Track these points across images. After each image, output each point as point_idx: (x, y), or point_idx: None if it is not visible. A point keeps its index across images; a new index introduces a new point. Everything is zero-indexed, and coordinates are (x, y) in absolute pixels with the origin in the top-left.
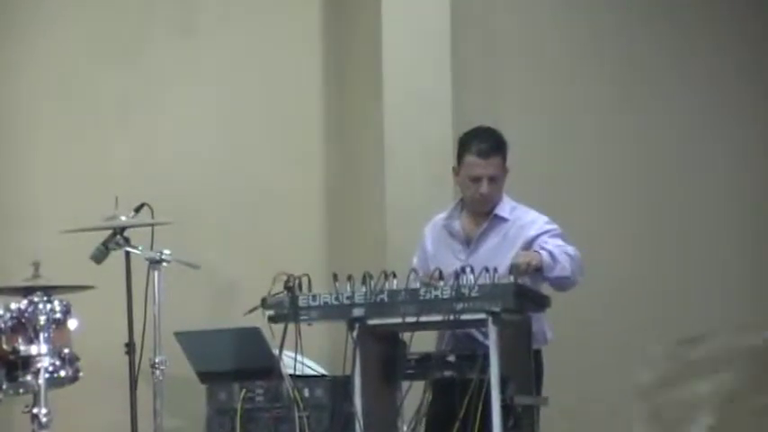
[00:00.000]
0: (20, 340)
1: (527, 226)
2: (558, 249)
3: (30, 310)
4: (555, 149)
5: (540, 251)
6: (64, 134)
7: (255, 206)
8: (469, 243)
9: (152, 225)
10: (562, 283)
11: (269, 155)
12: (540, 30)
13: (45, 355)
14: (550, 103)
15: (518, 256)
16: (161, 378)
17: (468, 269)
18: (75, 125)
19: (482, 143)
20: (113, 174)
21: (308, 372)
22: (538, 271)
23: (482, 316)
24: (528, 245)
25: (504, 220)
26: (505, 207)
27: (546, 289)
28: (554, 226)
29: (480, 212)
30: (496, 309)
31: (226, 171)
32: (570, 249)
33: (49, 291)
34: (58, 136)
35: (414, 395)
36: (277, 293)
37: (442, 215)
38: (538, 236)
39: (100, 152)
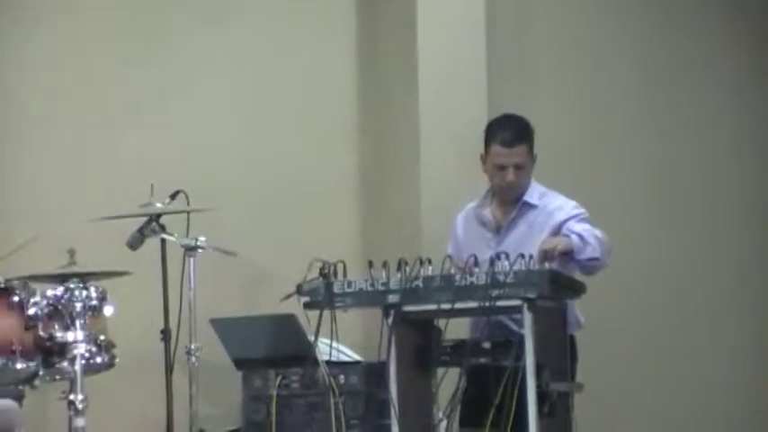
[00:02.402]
0: (56, 327)
1: (555, 211)
2: (586, 233)
3: (66, 296)
4: (587, 138)
5: (570, 235)
6: (100, 122)
7: (291, 193)
8: (499, 231)
9: (187, 212)
10: (592, 266)
11: (304, 142)
12: (575, 17)
13: (81, 341)
14: (584, 91)
15: (545, 242)
16: (196, 364)
17: (503, 256)
18: (112, 113)
19: (506, 132)
20: (149, 161)
21: (343, 358)
22: (567, 254)
23: (517, 302)
24: (556, 230)
25: (532, 206)
26: (534, 193)
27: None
28: (581, 210)
29: (509, 200)
30: (532, 295)
31: (261, 158)
32: (598, 232)
33: (84, 278)
34: (94, 124)
35: (449, 382)
36: (312, 280)
37: (474, 203)
38: (565, 221)
39: (135, 140)
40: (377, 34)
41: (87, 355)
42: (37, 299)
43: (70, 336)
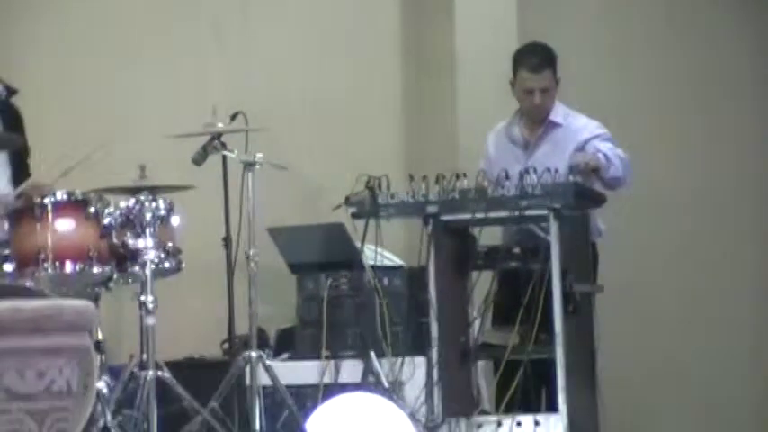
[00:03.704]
0: (128, 235)
1: (579, 130)
2: (611, 152)
3: (137, 207)
4: (608, 63)
5: (597, 153)
6: (167, 49)
7: (340, 114)
8: (527, 147)
9: (246, 131)
10: (614, 184)
11: (351, 66)
12: None
13: (151, 248)
14: (606, 21)
15: (577, 157)
16: (255, 269)
17: (531, 170)
18: (177, 41)
19: (533, 58)
20: (211, 85)
21: (387, 263)
22: (594, 171)
23: (544, 212)
24: (580, 148)
25: (558, 125)
26: (559, 113)
27: None
28: (604, 130)
29: (536, 120)
30: (557, 205)
31: (312, 82)
32: (620, 152)
33: (154, 191)
34: (162, 52)
35: (482, 284)
36: (359, 192)
37: (504, 123)
38: (589, 139)
39: (199, 66)
40: None
41: (156, 260)
42: (111, 210)
43: (141, 243)
